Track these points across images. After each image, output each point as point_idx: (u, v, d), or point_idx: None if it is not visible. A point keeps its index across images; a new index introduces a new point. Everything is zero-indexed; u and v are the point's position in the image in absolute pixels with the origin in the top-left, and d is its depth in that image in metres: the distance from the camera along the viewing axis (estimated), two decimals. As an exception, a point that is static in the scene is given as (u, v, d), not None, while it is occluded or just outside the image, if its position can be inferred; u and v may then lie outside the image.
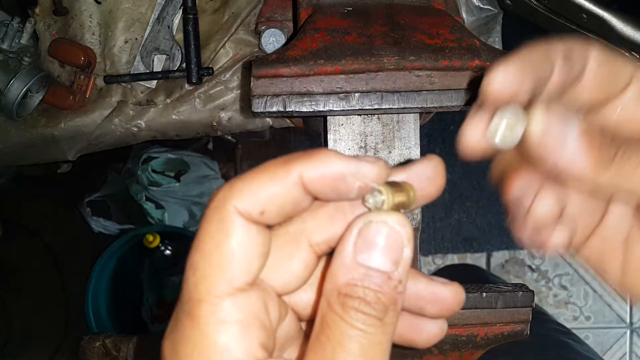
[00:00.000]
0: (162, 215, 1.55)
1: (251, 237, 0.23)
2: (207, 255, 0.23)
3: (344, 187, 0.23)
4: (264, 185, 0.23)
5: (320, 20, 0.45)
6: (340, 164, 0.23)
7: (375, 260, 0.23)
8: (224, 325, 0.22)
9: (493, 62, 0.41)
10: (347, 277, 0.23)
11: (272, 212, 0.23)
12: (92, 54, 0.64)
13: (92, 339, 0.61)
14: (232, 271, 0.23)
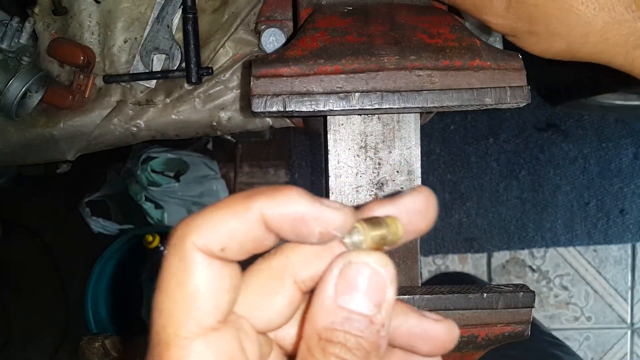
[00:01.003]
0: (161, 215, 1.54)
1: (215, 272, 0.22)
2: (171, 295, 0.22)
3: (305, 230, 0.22)
4: (223, 220, 0.22)
5: (320, 20, 0.45)
6: (303, 206, 0.22)
7: (356, 303, 0.22)
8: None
9: (494, 61, 0.41)
10: (328, 321, 0.22)
11: (233, 249, 0.22)
12: (91, 54, 0.64)
13: (91, 340, 0.60)
14: (199, 309, 0.22)
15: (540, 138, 1.71)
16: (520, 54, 0.42)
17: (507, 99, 0.40)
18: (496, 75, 0.40)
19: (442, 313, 0.40)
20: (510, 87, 0.40)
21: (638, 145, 1.73)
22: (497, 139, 1.72)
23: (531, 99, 0.41)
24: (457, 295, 0.40)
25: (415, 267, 0.45)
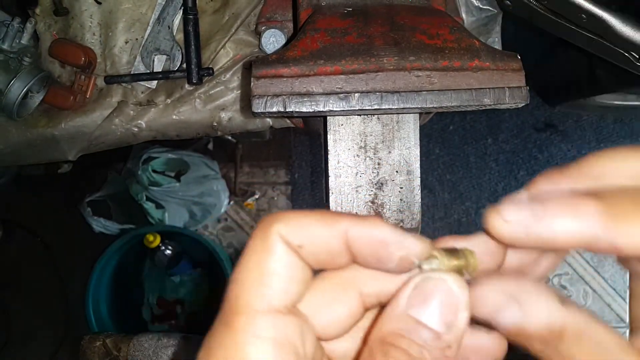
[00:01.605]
0: (162, 215, 1.55)
1: (291, 261, 0.24)
2: (249, 270, 0.24)
3: (384, 254, 0.23)
4: (310, 224, 0.24)
5: (320, 21, 0.46)
6: (387, 232, 0.23)
7: (427, 315, 0.23)
8: (258, 340, 0.22)
9: (492, 62, 0.41)
10: (395, 326, 0.23)
11: (308, 251, 0.24)
12: (92, 54, 0.64)
13: (92, 339, 0.61)
14: (272, 289, 0.23)
15: (539, 138, 1.71)
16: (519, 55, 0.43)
17: (506, 99, 0.40)
18: (495, 75, 0.41)
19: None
20: (509, 88, 0.40)
21: (637, 145, 1.73)
22: (496, 139, 1.72)
23: (530, 99, 0.42)
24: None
25: (414, 266, 0.45)
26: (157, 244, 1.46)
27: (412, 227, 0.45)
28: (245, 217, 1.81)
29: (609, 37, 0.67)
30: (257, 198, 1.79)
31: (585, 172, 0.25)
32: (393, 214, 0.45)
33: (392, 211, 0.45)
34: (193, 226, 1.66)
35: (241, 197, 1.78)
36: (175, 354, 0.58)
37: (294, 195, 1.78)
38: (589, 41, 0.70)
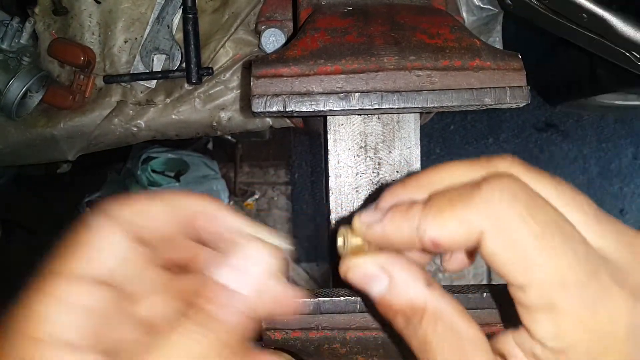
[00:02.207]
0: (162, 215, 1.54)
1: (115, 238, 0.28)
2: (72, 244, 0.29)
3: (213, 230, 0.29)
4: (145, 206, 0.28)
5: (320, 20, 0.45)
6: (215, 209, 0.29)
7: (227, 278, 0.27)
8: (66, 305, 0.26)
9: (493, 61, 0.41)
10: (201, 288, 0.27)
11: (140, 231, 0.28)
12: (91, 54, 0.64)
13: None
14: (89, 260, 0.28)
15: (540, 138, 1.71)
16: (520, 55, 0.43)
17: (507, 99, 0.40)
18: (496, 75, 0.41)
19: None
20: (510, 87, 0.40)
21: (637, 145, 1.73)
22: (497, 139, 1.72)
23: (531, 99, 0.41)
24: (457, 295, 0.40)
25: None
26: (156, 244, 1.46)
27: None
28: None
29: (610, 36, 0.67)
30: (257, 198, 1.79)
31: (421, 183, 0.28)
32: (393, 214, 0.44)
33: (392, 211, 0.44)
34: (193, 226, 1.66)
35: (241, 197, 1.78)
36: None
37: (294, 195, 1.78)
38: (589, 41, 0.70)
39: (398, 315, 0.27)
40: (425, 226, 0.26)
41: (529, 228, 0.24)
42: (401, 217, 0.27)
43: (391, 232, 0.27)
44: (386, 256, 0.28)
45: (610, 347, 0.24)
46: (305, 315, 0.39)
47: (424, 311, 0.27)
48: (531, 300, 0.25)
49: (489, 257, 0.25)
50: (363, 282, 0.28)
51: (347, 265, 0.28)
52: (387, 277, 0.27)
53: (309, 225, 1.78)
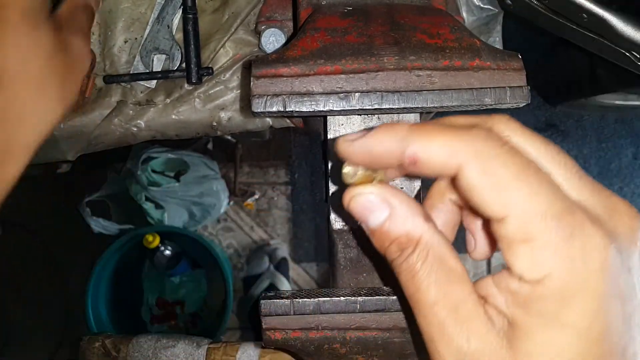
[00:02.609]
0: (161, 215, 1.55)
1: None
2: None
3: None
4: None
5: (320, 20, 0.45)
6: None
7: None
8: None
9: (493, 61, 0.41)
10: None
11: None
12: (92, 54, 0.64)
13: (91, 339, 0.61)
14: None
15: (540, 138, 1.71)
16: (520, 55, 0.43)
17: (507, 99, 0.40)
18: (496, 75, 0.41)
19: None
20: (510, 87, 0.40)
21: (637, 145, 1.73)
22: (497, 139, 1.71)
23: (531, 99, 0.41)
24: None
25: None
26: (156, 244, 1.46)
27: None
28: (245, 218, 1.81)
29: (610, 36, 0.67)
30: (257, 198, 1.79)
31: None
32: (393, 214, 0.44)
33: (392, 211, 0.44)
34: (193, 226, 1.66)
35: (241, 197, 1.78)
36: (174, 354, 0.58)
37: (294, 195, 1.78)
38: (589, 41, 0.70)
39: (393, 245, 0.29)
40: (409, 139, 0.27)
41: (510, 167, 0.26)
42: (386, 129, 0.28)
43: (374, 143, 0.28)
44: (390, 189, 0.29)
45: (585, 278, 0.25)
46: (305, 315, 0.39)
47: (419, 242, 0.28)
48: (510, 232, 0.26)
49: (467, 188, 0.27)
50: (365, 210, 0.29)
51: (351, 194, 0.30)
52: (388, 208, 0.29)
53: (309, 225, 1.78)
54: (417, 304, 0.28)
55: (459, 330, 0.26)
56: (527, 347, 0.26)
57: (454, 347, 0.26)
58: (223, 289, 1.52)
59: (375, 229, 0.29)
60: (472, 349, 0.26)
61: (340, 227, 0.44)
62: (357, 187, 0.30)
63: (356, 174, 0.30)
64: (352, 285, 0.45)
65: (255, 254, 1.74)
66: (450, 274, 0.27)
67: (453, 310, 0.27)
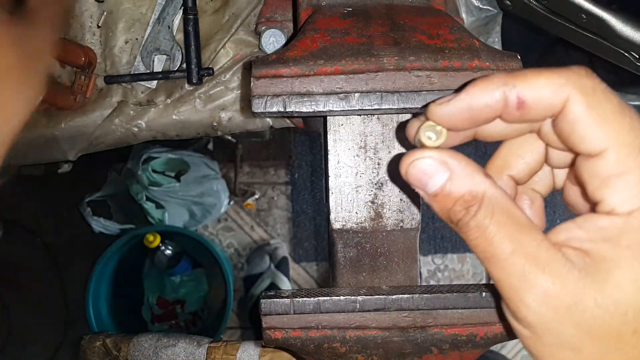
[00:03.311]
0: (162, 215, 1.55)
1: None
2: None
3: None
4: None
5: (320, 21, 0.46)
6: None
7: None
8: None
9: (492, 62, 0.41)
10: None
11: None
12: (92, 54, 0.64)
13: (92, 339, 0.61)
14: None
15: (540, 138, 1.71)
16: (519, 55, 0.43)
17: (506, 99, 0.40)
18: (495, 76, 0.41)
19: (442, 312, 0.40)
20: (509, 88, 0.40)
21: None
22: (497, 139, 1.72)
23: (530, 99, 0.42)
24: (457, 295, 0.40)
25: (414, 267, 0.45)
26: (157, 244, 1.46)
27: (413, 227, 0.45)
28: (245, 217, 1.81)
29: (609, 37, 0.67)
30: (257, 198, 1.79)
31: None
32: (393, 213, 0.45)
33: (392, 211, 0.45)
34: (193, 226, 1.66)
35: (241, 197, 1.78)
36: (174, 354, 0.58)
37: (294, 195, 1.78)
38: (589, 41, 0.70)
39: (457, 205, 0.28)
40: (511, 85, 0.27)
41: (612, 101, 0.26)
42: (482, 82, 0.28)
43: (473, 97, 0.28)
44: (446, 150, 0.29)
45: None
46: (305, 315, 0.40)
47: (483, 198, 0.28)
48: (606, 166, 0.26)
49: (572, 122, 0.27)
50: (424, 175, 0.29)
51: (410, 159, 0.29)
52: (448, 170, 0.28)
53: (309, 225, 1.78)
54: (492, 258, 0.28)
55: (541, 274, 0.27)
56: (616, 278, 0.26)
57: (539, 291, 0.26)
58: (223, 289, 1.52)
59: (437, 192, 0.29)
60: (557, 290, 0.26)
61: (340, 227, 0.44)
62: (414, 152, 0.29)
63: (438, 138, 0.29)
64: (352, 284, 0.45)
65: (256, 254, 1.74)
66: (519, 224, 0.28)
67: (531, 257, 0.27)
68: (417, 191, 0.30)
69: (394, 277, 0.45)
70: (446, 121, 0.29)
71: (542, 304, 0.27)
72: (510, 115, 0.28)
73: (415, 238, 0.45)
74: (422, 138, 0.29)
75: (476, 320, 0.41)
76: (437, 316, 0.40)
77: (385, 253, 0.45)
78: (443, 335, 0.41)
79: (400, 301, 0.40)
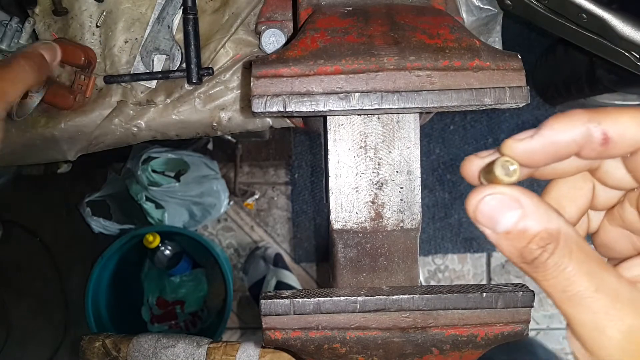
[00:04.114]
0: (162, 215, 1.54)
1: None
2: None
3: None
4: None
5: (320, 20, 0.46)
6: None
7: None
8: None
9: (493, 62, 0.41)
10: None
11: None
12: (92, 54, 0.64)
13: (92, 339, 0.61)
14: None
15: (540, 138, 1.71)
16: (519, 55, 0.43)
17: (507, 99, 0.40)
18: (495, 75, 0.41)
19: (442, 312, 0.40)
20: (510, 88, 0.40)
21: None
22: (497, 139, 1.72)
23: (530, 99, 0.42)
24: (457, 295, 0.40)
25: (414, 267, 0.45)
26: (156, 244, 1.46)
27: (413, 227, 0.45)
28: (245, 217, 1.81)
29: (610, 36, 0.67)
30: (257, 198, 1.79)
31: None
32: (393, 214, 0.44)
33: (392, 211, 0.44)
34: (193, 226, 1.66)
35: (241, 197, 1.78)
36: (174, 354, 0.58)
37: (294, 195, 1.78)
38: (589, 41, 0.70)
39: (532, 243, 0.27)
40: (597, 120, 0.27)
41: None
42: (564, 118, 0.28)
43: (556, 132, 0.28)
44: (518, 188, 0.28)
45: None
46: (305, 315, 0.39)
47: (559, 235, 0.27)
48: None
49: None
50: (496, 212, 0.28)
51: (481, 194, 0.28)
52: (521, 207, 0.27)
53: (309, 225, 1.78)
54: (573, 297, 0.27)
55: (627, 310, 0.27)
56: None
57: (624, 328, 0.26)
58: (223, 289, 1.52)
59: (509, 230, 0.27)
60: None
61: (340, 227, 0.44)
62: (484, 188, 0.28)
63: (513, 175, 0.28)
64: (352, 285, 0.45)
65: (249, 263, 1.74)
66: (597, 261, 0.27)
67: (614, 294, 0.27)
68: (483, 230, 0.28)
69: (394, 277, 0.45)
70: (526, 157, 0.29)
71: (628, 340, 0.27)
72: (592, 152, 0.28)
73: (416, 238, 0.45)
74: (498, 173, 0.28)
75: (476, 320, 0.41)
76: (438, 317, 0.40)
77: (386, 253, 0.45)
78: (443, 335, 0.40)
79: (400, 302, 0.40)
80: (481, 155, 0.31)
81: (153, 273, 1.66)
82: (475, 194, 0.28)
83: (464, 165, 0.32)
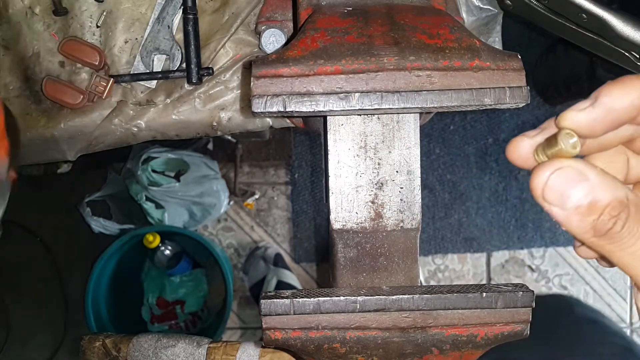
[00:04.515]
0: (162, 215, 1.55)
1: None
2: None
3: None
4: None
5: (320, 20, 0.46)
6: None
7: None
8: None
9: (493, 62, 0.41)
10: None
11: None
12: (103, 56, 0.63)
13: (92, 339, 0.61)
14: None
15: (540, 138, 1.71)
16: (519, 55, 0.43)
17: (507, 99, 0.40)
18: (495, 75, 0.41)
19: (442, 312, 0.40)
20: (510, 88, 0.40)
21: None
22: (497, 139, 1.72)
23: (531, 99, 0.42)
24: (457, 295, 0.40)
25: (414, 267, 0.45)
26: (156, 244, 1.46)
27: (413, 227, 0.45)
28: (245, 217, 1.81)
29: (610, 36, 0.67)
30: (257, 198, 1.79)
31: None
32: (393, 214, 0.44)
33: (392, 211, 0.45)
34: (193, 226, 1.66)
35: (241, 197, 1.78)
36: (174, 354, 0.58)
37: (294, 195, 1.78)
38: (589, 41, 0.70)
39: (604, 215, 0.27)
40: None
41: None
42: (620, 85, 0.28)
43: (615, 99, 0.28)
44: (580, 160, 0.28)
45: None
46: (305, 315, 0.40)
47: (628, 204, 0.27)
48: None
49: None
50: (565, 187, 0.27)
51: (549, 169, 0.27)
52: (587, 179, 0.27)
53: (309, 225, 1.78)
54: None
55: None
56: None
57: None
58: (223, 289, 1.52)
59: (580, 204, 0.27)
60: None
61: (340, 227, 0.44)
62: (551, 163, 0.27)
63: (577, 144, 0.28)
64: (352, 285, 0.45)
65: (249, 263, 1.74)
66: None
67: None
68: (549, 210, 0.28)
69: (394, 277, 0.45)
70: (588, 127, 0.28)
71: None
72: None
73: (416, 238, 0.45)
74: (564, 145, 0.27)
75: (476, 320, 0.41)
76: (438, 316, 0.40)
77: (386, 253, 0.45)
78: (443, 335, 0.41)
79: (400, 301, 0.40)
80: (530, 135, 0.31)
81: (153, 273, 1.66)
82: (541, 171, 0.27)
83: (512, 147, 0.31)
